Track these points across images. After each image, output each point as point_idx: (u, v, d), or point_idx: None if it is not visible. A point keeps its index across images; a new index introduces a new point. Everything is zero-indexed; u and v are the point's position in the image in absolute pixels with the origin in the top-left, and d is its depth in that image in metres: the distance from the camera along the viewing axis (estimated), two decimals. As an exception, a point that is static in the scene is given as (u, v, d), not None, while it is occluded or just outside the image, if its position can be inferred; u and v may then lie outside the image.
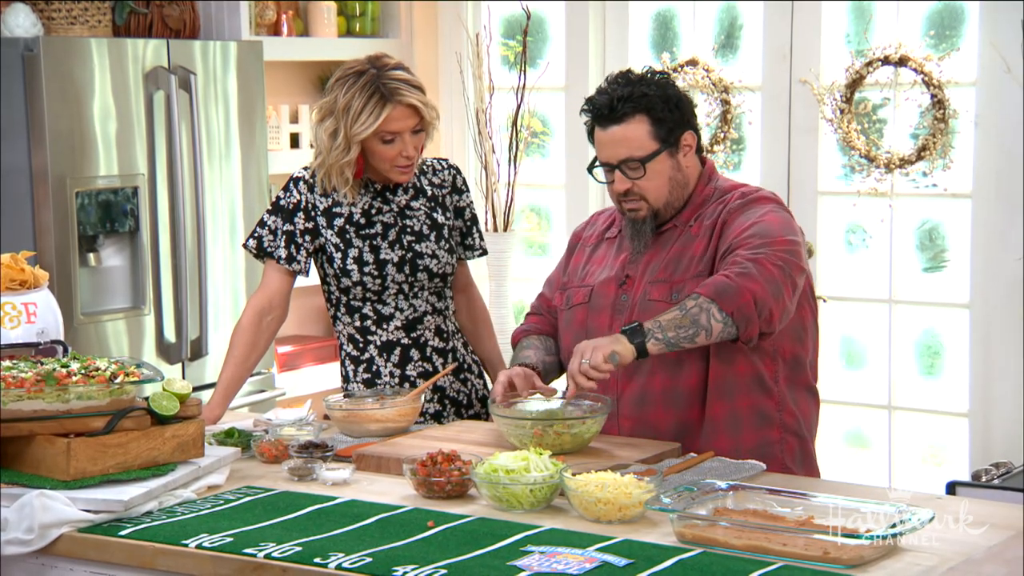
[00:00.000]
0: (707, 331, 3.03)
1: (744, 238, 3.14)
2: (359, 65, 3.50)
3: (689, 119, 3.26)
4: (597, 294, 3.32)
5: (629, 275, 3.29)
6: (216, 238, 5.01)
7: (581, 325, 3.33)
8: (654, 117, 3.20)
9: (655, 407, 3.22)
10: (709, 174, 3.33)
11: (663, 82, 3.26)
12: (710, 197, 3.29)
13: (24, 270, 3.32)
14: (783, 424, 3.23)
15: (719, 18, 5.46)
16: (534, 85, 5.58)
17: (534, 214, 6.05)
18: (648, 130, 3.21)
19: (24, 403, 2.84)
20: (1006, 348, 4.90)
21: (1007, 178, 4.85)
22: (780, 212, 3.24)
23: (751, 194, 3.27)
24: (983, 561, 2.47)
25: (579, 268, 3.42)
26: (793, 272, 3.11)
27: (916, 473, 5.21)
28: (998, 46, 4.79)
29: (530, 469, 2.80)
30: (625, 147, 3.21)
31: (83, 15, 4.94)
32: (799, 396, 3.26)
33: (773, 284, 3.05)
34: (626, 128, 3.21)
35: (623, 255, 3.33)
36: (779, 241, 3.12)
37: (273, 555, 2.56)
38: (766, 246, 3.10)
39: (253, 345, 3.55)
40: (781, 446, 3.22)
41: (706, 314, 3.02)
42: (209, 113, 4.97)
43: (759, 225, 3.16)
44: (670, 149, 3.23)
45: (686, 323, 3.02)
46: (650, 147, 3.21)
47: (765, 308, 3.04)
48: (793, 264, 3.12)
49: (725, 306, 3.02)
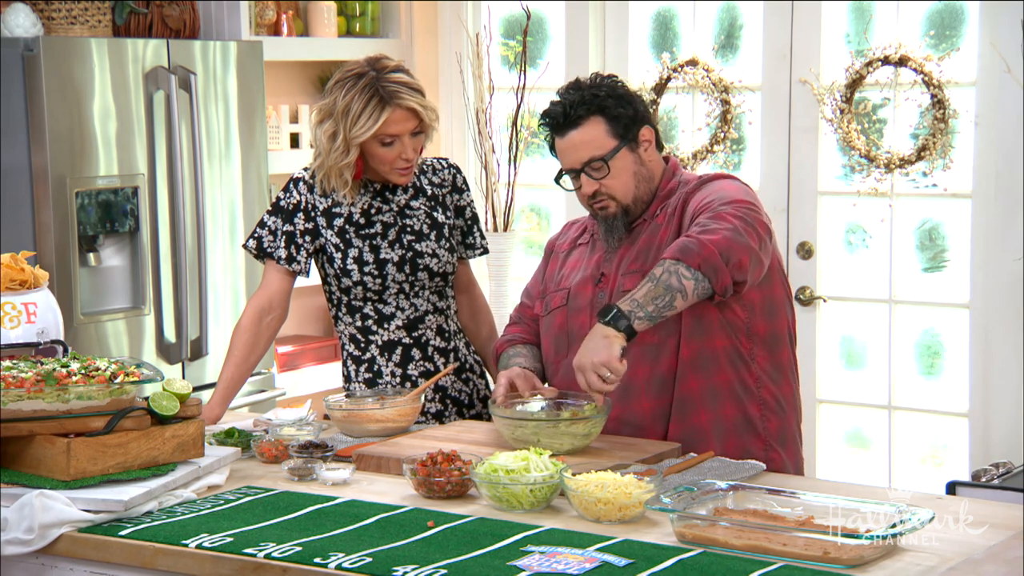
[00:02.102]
0: (682, 292, 3.03)
1: (703, 205, 3.19)
2: (358, 67, 3.50)
3: (644, 115, 3.32)
4: (574, 295, 3.36)
5: (604, 273, 3.33)
6: (216, 238, 5.01)
7: (562, 328, 3.36)
8: (609, 116, 3.27)
9: (639, 396, 3.24)
10: (673, 170, 3.39)
11: (612, 83, 3.33)
12: (674, 190, 3.34)
13: (24, 270, 3.32)
14: (762, 401, 3.24)
15: (719, 18, 5.46)
16: (534, 85, 5.58)
17: (534, 214, 6.05)
18: (605, 129, 3.27)
19: (24, 403, 2.84)
20: (1006, 348, 4.90)
21: (1007, 178, 4.85)
22: (736, 183, 3.30)
23: (708, 176, 3.35)
24: (983, 561, 2.47)
25: (555, 274, 3.47)
26: (756, 224, 3.13)
27: (916, 473, 5.21)
28: (998, 46, 4.79)
29: (530, 469, 2.80)
30: (585, 149, 3.27)
31: (83, 15, 4.94)
32: (779, 375, 3.27)
33: (735, 232, 3.07)
34: (584, 131, 3.27)
35: (596, 255, 3.37)
36: (737, 201, 3.16)
37: (273, 555, 2.56)
38: (724, 204, 3.14)
39: (253, 345, 3.56)
40: (763, 423, 3.23)
41: (675, 276, 3.03)
42: (209, 113, 4.97)
43: (716, 193, 3.21)
44: (629, 144, 3.28)
45: (660, 291, 3.02)
46: (609, 144, 3.27)
47: (732, 255, 3.05)
48: (754, 217, 3.14)
49: (690, 262, 3.02)
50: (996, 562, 2.47)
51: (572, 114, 3.27)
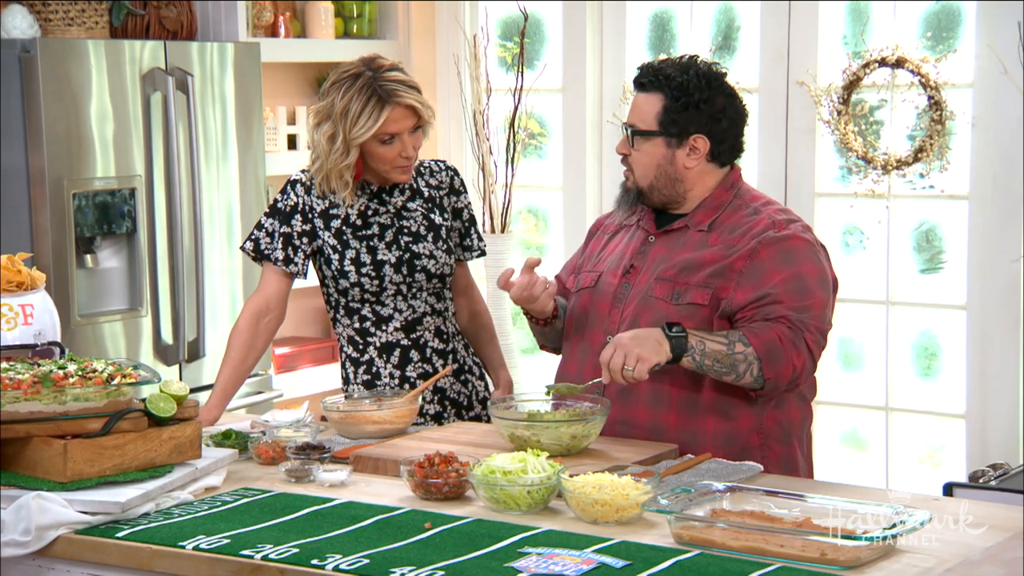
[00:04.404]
0: (738, 377, 3.11)
1: (785, 291, 3.15)
2: (354, 68, 3.50)
3: (711, 125, 3.25)
4: (603, 280, 3.36)
5: (635, 265, 3.32)
6: (213, 239, 5.01)
7: (584, 309, 3.38)
8: (667, 102, 3.26)
9: (635, 403, 3.24)
10: (733, 180, 3.32)
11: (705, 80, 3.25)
12: (727, 203, 3.28)
13: (21, 272, 3.32)
14: (763, 429, 3.22)
15: (716, 19, 5.46)
16: (531, 86, 5.58)
17: (531, 215, 6.05)
18: (658, 110, 3.26)
19: (21, 404, 2.83)
20: (1003, 349, 4.90)
21: (1004, 179, 4.85)
22: (816, 259, 3.23)
23: (783, 227, 3.23)
24: (981, 562, 2.47)
25: (594, 254, 3.47)
26: (822, 348, 3.22)
27: (913, 474, 5.21)
28: (995, 47, 4.79)
29: (527, 471, 2.80)
30: (636, 114, 3.31)
31: (80, 16, 4.93)
32: (783, 400, 3.25)
33: (812, 363, 3.17)
34: (644, 99, 3.30)
35: (634, 243, 3.36)
36: (818, 303, 3.18)
37: (270, 556, 2.56)
38: (807, 310, 3.15)
39: (250, 347, 3.55)
40: (763, 452, 3.23)
41: (747, 366, 3.09)
42: (206, 114, 4.97)
43: (799, 279, 3.17)
44: (670, 140, 3.26)
45: (726, 362, 3.08)
46: (651, 126, 3.27)
47: (797, 382, 3.17)
48: (824, 342, 3.21)
49: (768, 371, 3.09)
50: (994, 563, 2.47)
51: (649, 79, 3.29)
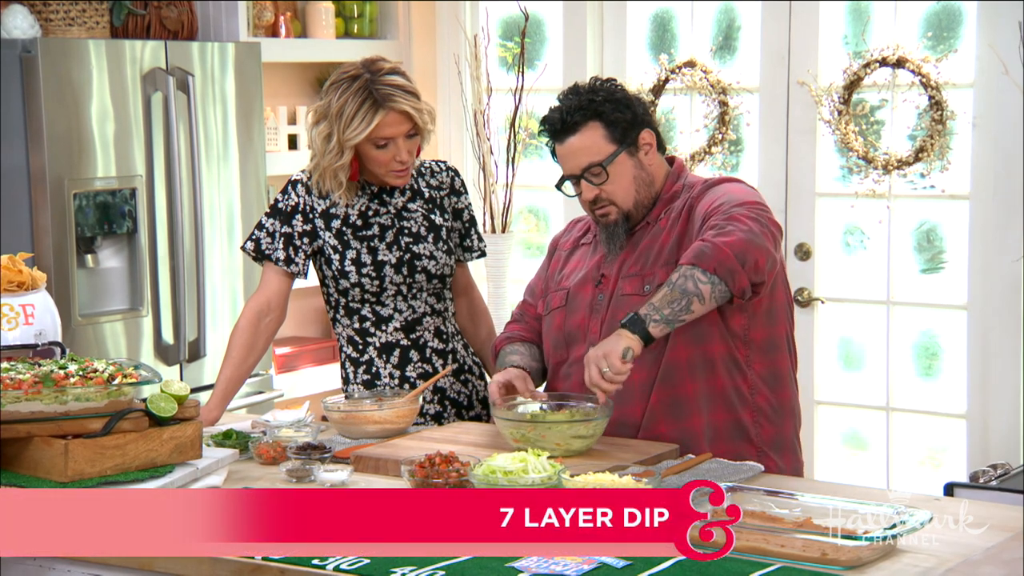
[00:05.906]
0: (699, 296, 3.04)
1: (713, 208, 3.18)
2: (354, 69, 3.50)
3: (644, 118, 3.31)
4: (573, 296, 3.36)
5: (604, 274, 3.33)
6: (214, 239, 5.01)
7: (559, 328, 3.37)
8: (606, 121, 3.26)
9: (632, 399, 3.23)
10: (678, 172, 3.38)
11: (610, 87, 3.32)
12: (678, 194, 3.33)
13: (22, 271, 3.32)
14: (756, 407, 3.24)
15: (717, 19, 5.46)
16: (532, 86, 5.58)
17: (532, 216, 6.05)
18: (603, 134, 3.27)
19: (22, 404, 2.84)
20: (1004, 349, 4.90)
21: (1005, 179, 4.85)
22: (743, 185, 3.30)
23: (714, 179, 3.33)
24: (981, 562, 2.46)
25: (556, 273, 3.47)
26: (769, 224, 3.14)
27: (914, 475, 5.21)
28: (996, 47, 4.79)
29: (528, 471, 2.79)
30: (584, 155, 3.27)
31: (81, 16, 4.93)
32: (776, 382, 3.27)
33: (750, 234, 3.08)
34: (581, 137, 3.27)
35: (598, 256, 3.37)
36: (748, 202, 3.17)
37: (271, 556, 2.55)
38: (736, 206, 3.14)
39: (251, 346, 3.55)
40: (756, 429, 3.23)
41: (691, 280, 3.03)
42: (207, 114, 4.97)
43: (725, 195, 3.21)
44: (628, 149, 3.28)
45: (676, 296, 3.03)
46: (608, 150, 3.26)
47: (748, 257, 3.06)
48: (767, 217, 3.15)
49: (706, 266, 3.03)
50: (994, 563, 2.46)
51: (569, 120, 3.27)
